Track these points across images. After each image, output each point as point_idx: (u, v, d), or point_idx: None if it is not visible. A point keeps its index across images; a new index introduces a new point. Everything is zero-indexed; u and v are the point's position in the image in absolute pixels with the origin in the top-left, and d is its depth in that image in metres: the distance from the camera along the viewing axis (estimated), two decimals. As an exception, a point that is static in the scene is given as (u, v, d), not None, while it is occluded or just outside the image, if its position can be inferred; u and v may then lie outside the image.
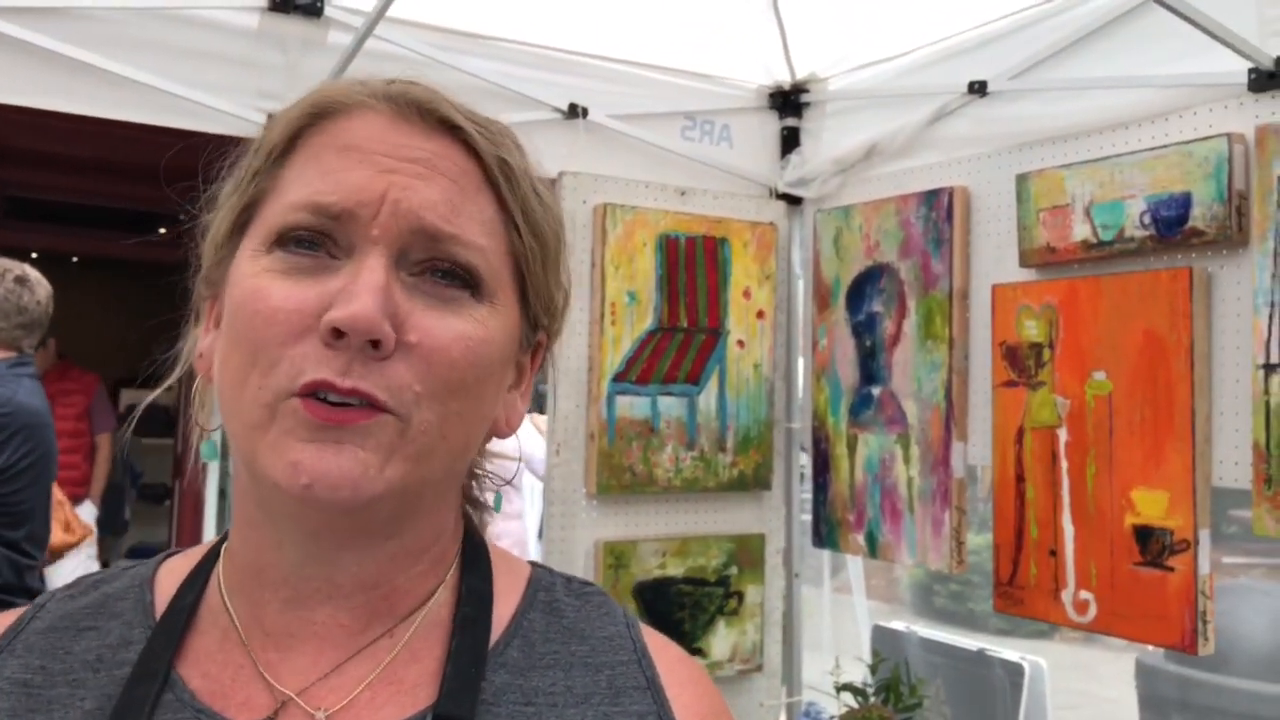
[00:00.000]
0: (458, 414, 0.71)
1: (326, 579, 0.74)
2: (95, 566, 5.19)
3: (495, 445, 0.84)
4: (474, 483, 0.88)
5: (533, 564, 0.88)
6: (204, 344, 0.79)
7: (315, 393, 0.67)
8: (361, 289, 0.67)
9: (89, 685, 0.74)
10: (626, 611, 0.85)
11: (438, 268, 0.71)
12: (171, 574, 0.81)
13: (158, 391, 0.88)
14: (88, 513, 5.40)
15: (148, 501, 7.50)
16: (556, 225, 0.80)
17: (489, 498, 0.89)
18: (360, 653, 0.75)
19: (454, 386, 0.70)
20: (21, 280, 3.09)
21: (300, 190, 0.71)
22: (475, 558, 0.82)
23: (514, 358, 0.78)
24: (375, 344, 0.67)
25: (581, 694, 0.76)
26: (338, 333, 0.66)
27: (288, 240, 0.70)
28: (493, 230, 0.74)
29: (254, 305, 0.69)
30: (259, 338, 0.68)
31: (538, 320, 0.80)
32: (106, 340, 7.62)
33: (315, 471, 0.66)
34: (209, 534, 5.86)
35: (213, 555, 0.81)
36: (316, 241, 0.70)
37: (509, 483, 0.90)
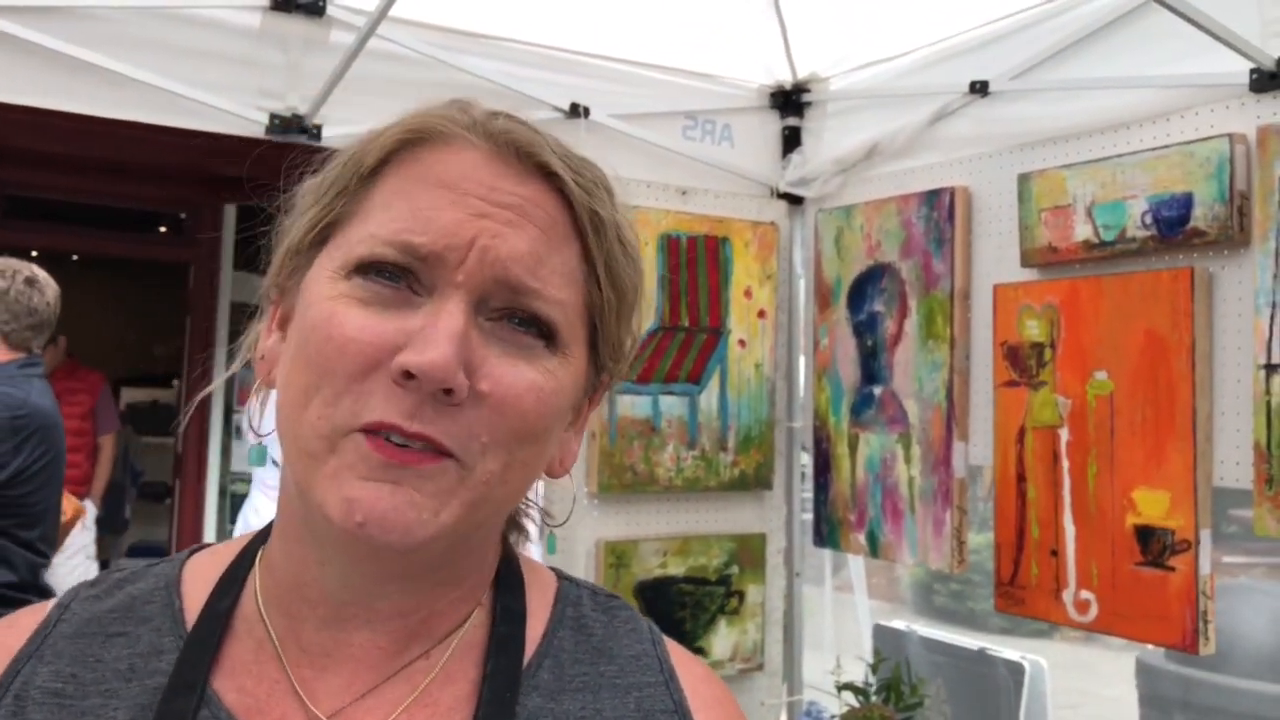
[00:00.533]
0: (522, 463, 0.71)
1: (366, 605, 0.74)
2: (93, 567, 5.19)
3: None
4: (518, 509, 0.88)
5: (557, 574, 0.87)
6: (265, 345, 0.78)
7: (378, 431, 0.66)
8: (441, 335, 0.66)
9: (122, 695, 0.73)
10: (651, 626, 0.85)
11: (516, 316, 0.70)
12: (198, 576, 0.80)
13: (215, 384, 0.86)
14: (87, 513, 5.39)
15: (148, 500, 7.50)
16: (637, 277, 0.79)
17: (530, 529, 0.88)
18: (396, 675, 0.74)
19: (522, 437, 0.70)
20: (31, 281, 3.10)
21: (389, 224, 0.69)
22: (510, 577, 0.81)
23: (578, 402, 0.78)
24: (448, 391, 0.66)
25: (611, 718, 0.77)
26: (409, 374, 0.65)
27: (369, 270, 0.69)
28: (573, 282, 0.73)
29: (327, 330, 0.68)
30: (328, 365, 0.67)
31: (604, 366, 0.79)
32: (106, 339, 7.63)
33: (371, 511, 0.65)
34: (209, 533, 5.86)
35: (245, 560, 0.80)
36: (399, 275, 0.69)
37: (562, 524, 0.90)
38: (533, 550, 0.90)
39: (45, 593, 3.02)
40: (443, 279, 0.68)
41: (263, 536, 0.81)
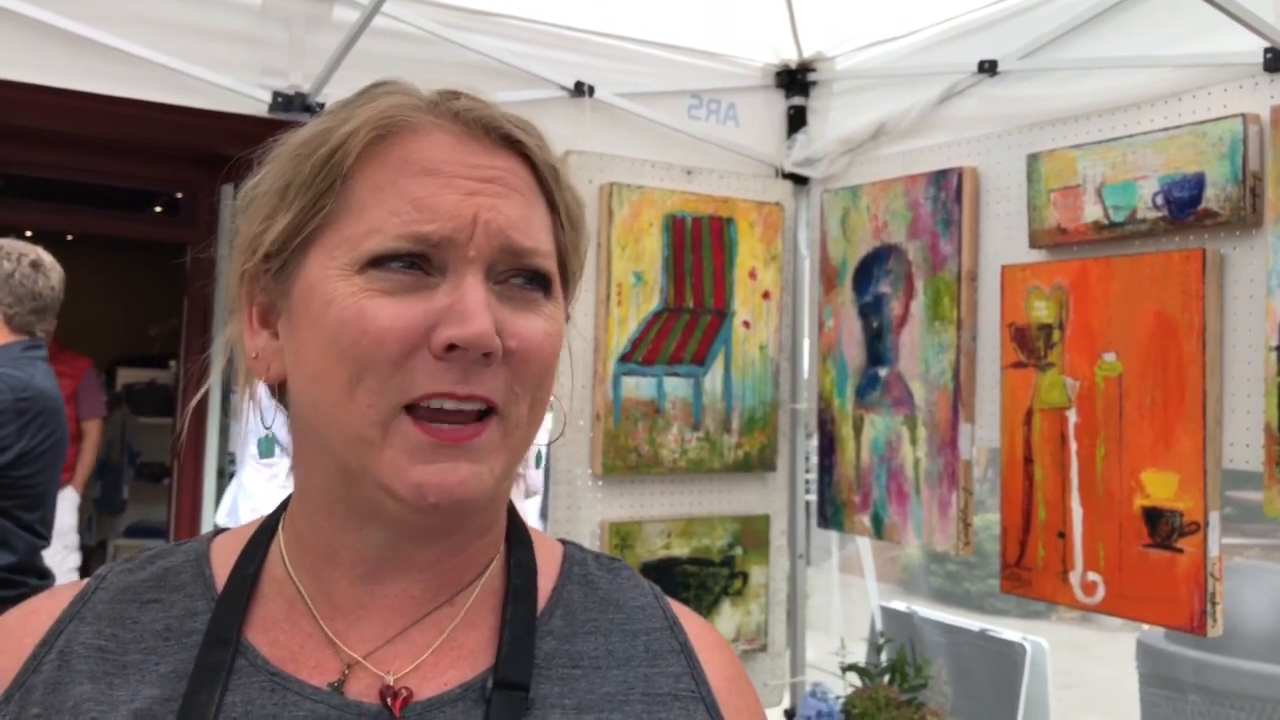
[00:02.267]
0: (540, 403, 0.79)
1: (408, 558, 0.80)
2: (74, 558, 5.17)
3: None
4: None
5: (563, 541, 0.94)
6: (256, 345, 0.82)
7: (429, 403, 0.73)
8: (474, 308, 0.73)
9: (160, 652, 0.79)
10: (653, 585, 0.92)
11: (520, 275, 0.77)
12: (226, 550, 0.86)
13: (209, 382, 0.94)
14: (69, 500, 5.34)
15: (146, 480, 7.48)
16: (581, 209, 0.86)
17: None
18: (424, 619, 0.80)
19: (542, 380, 0.78)
20: (36, 265, 3.08)
21: (391, 218, 0.74)
22: (518, 532, 0.88)
23: None
24: (486, 355, 0.73)
25: (623, 657, 0.84)
26: (451, 348, 0.72)
27: (384, 262, 0.74)
28: (549, 232, 0.81)
29: (361, 325, 0.73)
30: (368, 356, 0.73)
31: (570, 291, 0.87)
32: (102, 320, 7.58)
33: (440, 491, 0.73)
34: (207, 513, 5.85)
35: (267, 530, 0.85)
36: (413, 262, 0.74)
37: (555, 440, 0.98)
38: (531, 475, 0.95)
39: (44, 575, 3.01)
40: (455, 257, 0.74)
41: (280, 510, 0.87)
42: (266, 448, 0.91)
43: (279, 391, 0.83)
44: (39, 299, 3.06)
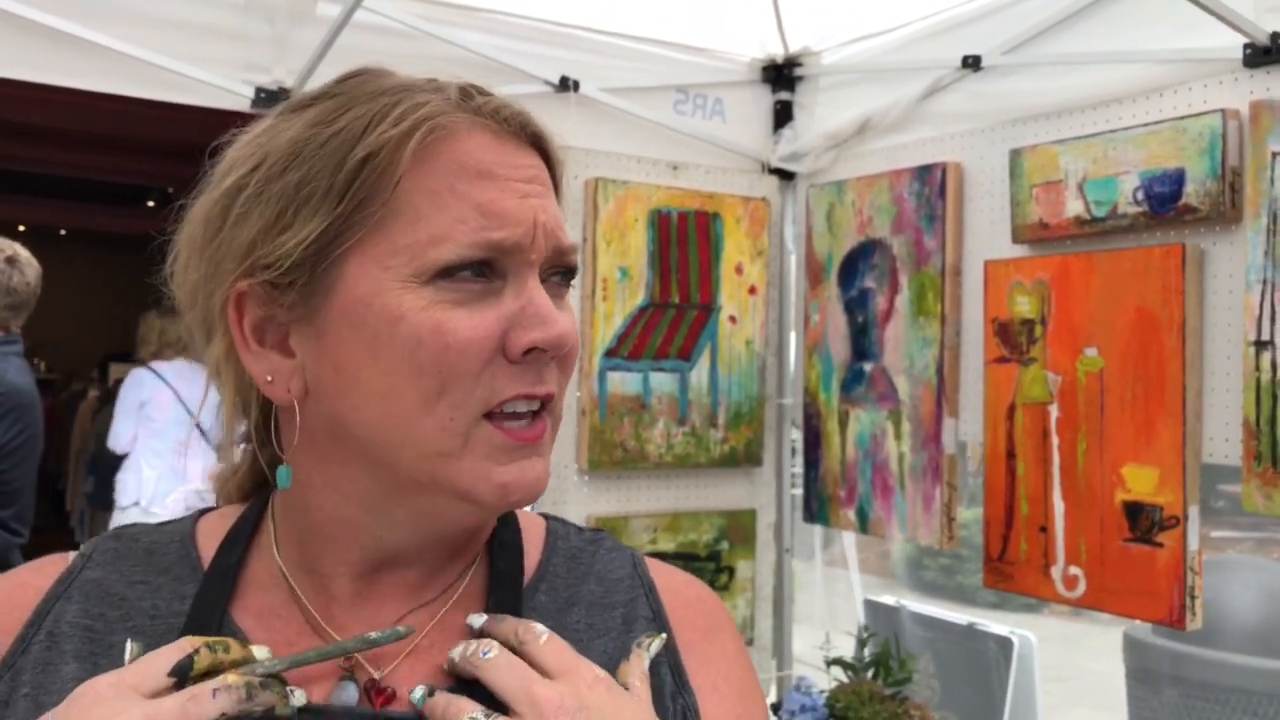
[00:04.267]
0: (566, 387, 0.82)
1: (415, 553, 0.82)
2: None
3: None
4: None
5: (544, 516, 0.96)
6: (266, 368, 0.78)
7: (505, 407, 0.75)
8: (546, 311, 0.75)
9: (147, 632, 0.79)
10: (634, 552, 0.94)
11: (558, 272, 0.80)
12: (209, 532, 0.86)
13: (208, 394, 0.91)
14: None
15: (138, 476, 7.47)
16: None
17: None
18: (419, 609, 0.82)
19: (572, 367, 0.81)
20: (12, 261, 3.08)
21: (457, 225, 0.73)
22: (506, 515, 0.89)
23: None
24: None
25: (601, 629, 0.85)
26: (530, 350, 0.74)
27: (454, 272, 0.74)
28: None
29: (443, 339, 0.73)
30: (453, 369, 0.73)
31: None
32: (95, 313, 7.60)
33: (519, 487, 0.76)
34: (200, 508, 5.86)
35: (249, 518, 0.86)
36: (480, 270, 0.75)
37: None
38: None
39: None
40: (519, 261, 0.75)
41: (262, 503, 0.87)
42: (285, 477, 0.89)
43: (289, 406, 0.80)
44: (14, 294, 3.06)
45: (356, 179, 0.72)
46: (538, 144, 0.80)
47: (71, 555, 0.85)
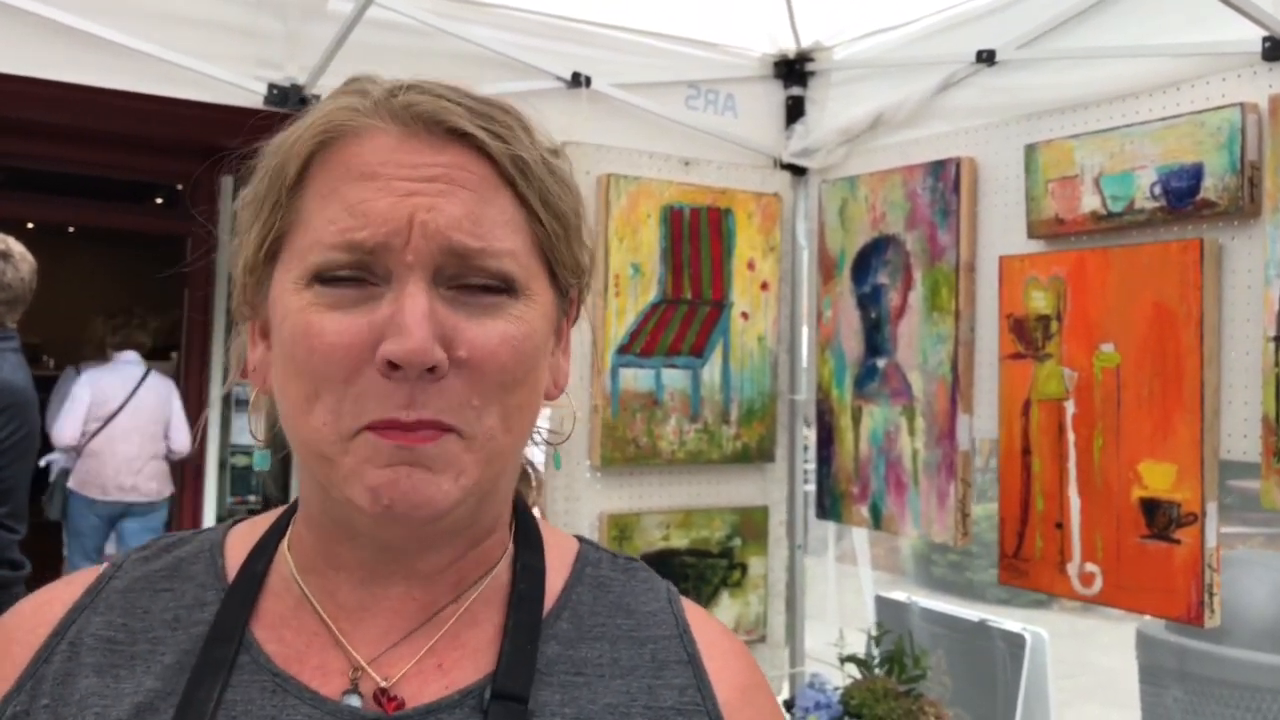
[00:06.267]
0: (516, 408, 0.75)
1: (407, 565, 0.79)
2: None
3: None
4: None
5: (580, 539, 0.92)
6: (254, 358, 0.82)
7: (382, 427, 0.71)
8: (409, 320, 0.69)
9: (168, 642, 0.79)
10: (669, 587, 0.89)
11: (472, 278, 0.73)
12: (240, 541, 0.86)
13: (225, 386, 0.92)
14: None
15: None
16: (574, 200, 0.82)
17: (536, 455, 0.94)
18: (428, 622, 0.80)
19: (509, 386, 0.74)
20: (5, 255, 3.06)
21: (329, 227, 0.72)
22: (527, 533, 0.86)
23: (554, 330, 0.82)
24: (431, 369, 0.70)
25: (627, 666, 0.81)
26: (394, 365, 0.69)
27: (326, 275, 0.72)
28: (516, 227, 0.76)
29: (308, 342, 0.71)
30: (318, 373, 0.71)
31: (568, 287, 0.83)
32: (102, 309, 7.60)
33: (395, 494, 0.70)
34: (209, 503, 5.86)
35: (280, 525, 0.86)
36: (355, 272, 0.72)
37: (565, 439, 0.95)
38: (535, 454, 0.94)
39: (16, 565, 2.98)
40: (395, 263, 0.71)
41: (294, 508, 0.86)
42: (262, 460, 0.91)
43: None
44: (9, 290, 3.04)
45: (272, 187, 0.76)
46: (469, 141, 0.75)
47: (104, 567, 0.85)
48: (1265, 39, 1.99)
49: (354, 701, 0.75)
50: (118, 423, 5.33)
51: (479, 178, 0.74)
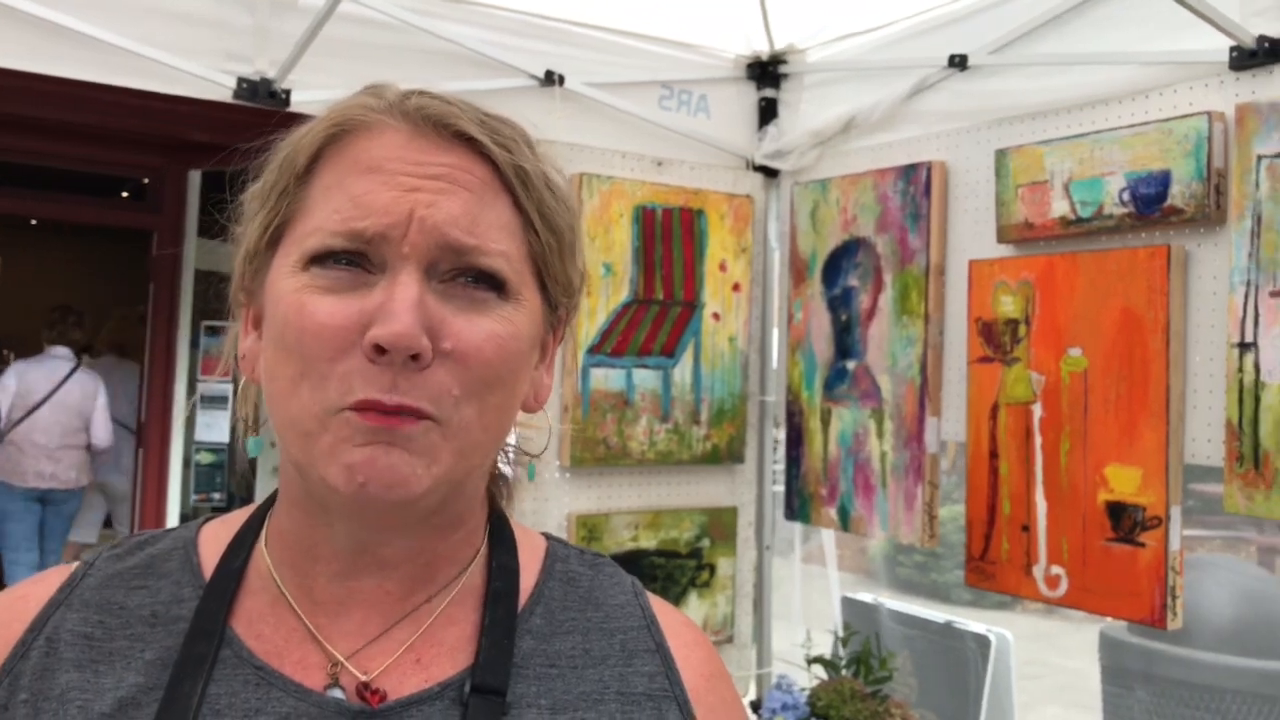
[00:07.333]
0: (495, 407, 0.77)
1: (375, 554, 0.80)
2: None
3: (522, 417, 0.90)
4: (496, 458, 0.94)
5: (547, 536, 0.94)
6: (245, 346, 0.84)
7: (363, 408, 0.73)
8: (399, 307, 0.72)
9: (147, 639, 0.80)
10: (634, 581, 0.93)
11: (465, 274, 0.76)
12: (214, 538, 0.87)
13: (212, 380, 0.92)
14: None
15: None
16: (571, 218, 0.84)
17: (516, 471, 0.96)
18: (405, 619, 0.81)
19: (490, 383, 0.76)
20: None
21: (333, 215, 0.75)
22: (501, 533, 0.88)
23: (539, 341, 0.84)
24: (415, 356, 0.72)
25: (599, 656, 0.85)
26: (380, 349, 0.71)
27: (323, 259, 0.75)
28: (511, 233, 0.78)
29: (300, 322, 0.74)
30: (307, 353, 0.73)
31: (557, 303, 0.85)
32: (67, 303, 7.49)
33: (370, 472, 0.72)
34: (173, 501, 5.80)
35: (253, 524, 0.86)
36: (351, 259, 0.75)
37: (538, 456, 0.96)
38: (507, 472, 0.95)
39: None
40: (391, 254, 0.74)
41: (268, 504, 0.87)
42: (255, 446, 0.91)
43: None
44: None
45: (280, 177, 0.79)
46: (473, 146, 0.78)
47: (75, 565, 0.86)
48: (1232, 48, 2.01)
49: (337, 694, 0.77)
50: (40, 414, 5.64)
51: (480, 181, 0.77)
